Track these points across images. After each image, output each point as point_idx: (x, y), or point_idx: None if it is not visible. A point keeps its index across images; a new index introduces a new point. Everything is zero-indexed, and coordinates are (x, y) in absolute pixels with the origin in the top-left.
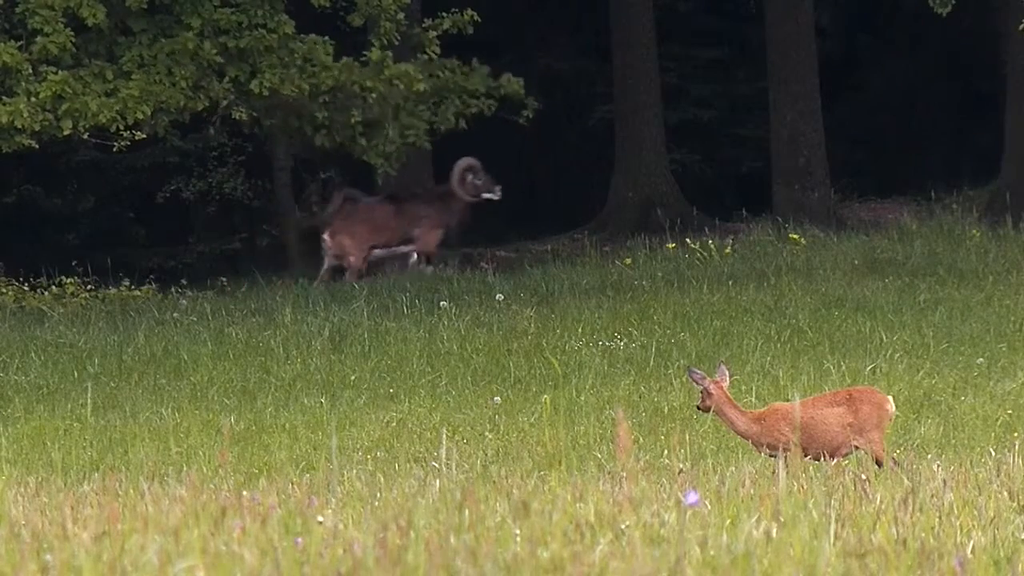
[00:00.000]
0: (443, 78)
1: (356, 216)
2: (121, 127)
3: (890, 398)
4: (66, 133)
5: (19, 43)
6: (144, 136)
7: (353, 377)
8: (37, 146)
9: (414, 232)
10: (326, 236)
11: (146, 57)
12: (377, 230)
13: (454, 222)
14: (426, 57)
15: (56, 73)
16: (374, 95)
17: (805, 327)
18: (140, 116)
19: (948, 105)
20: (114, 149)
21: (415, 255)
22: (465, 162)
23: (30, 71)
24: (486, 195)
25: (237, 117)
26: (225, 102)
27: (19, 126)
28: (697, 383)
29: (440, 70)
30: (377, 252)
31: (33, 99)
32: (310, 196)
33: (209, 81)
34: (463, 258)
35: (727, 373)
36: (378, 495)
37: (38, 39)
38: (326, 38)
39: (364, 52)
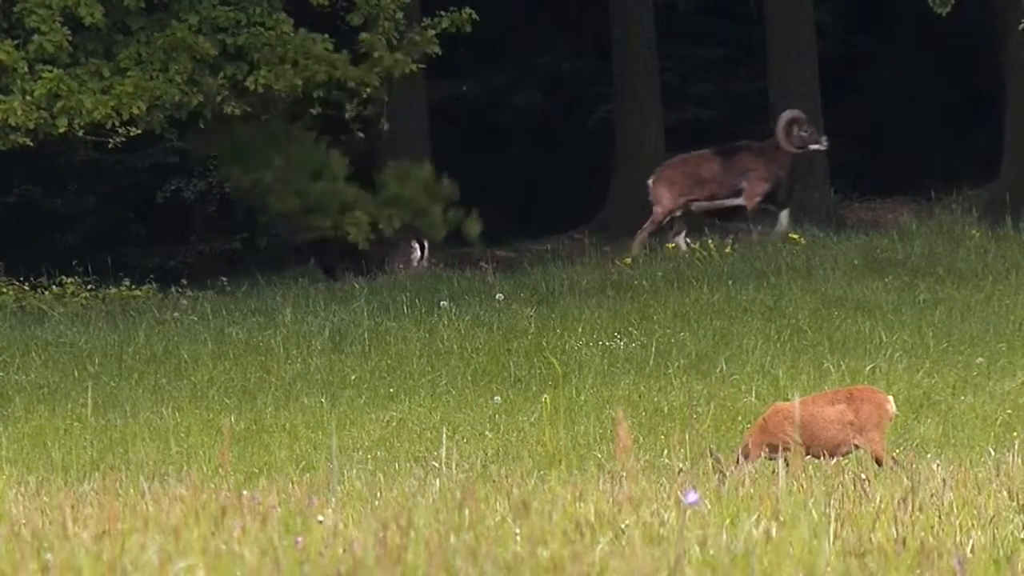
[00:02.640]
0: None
1: (682, 168)
2: (116, 123)
3: (890, 397)
4: (61, 131)
5: (16, 42)
6: (139, 132)
7: (353, 377)
8: (32, 144)
9: (742, 184)
10: (649, 182)
11: (143, 54)
12: (700, 183)
13: (783, 175)
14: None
15: (51, 71)
16: (369, 89)
17: (805, 327)
18: (135, 112)
19: (948, 105)
20: (109, 146)
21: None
22: (790, 114)
23: (26, 69)
24: (813, 146)
25: (230, 112)
26: (219, 97)
27: (14, 124)
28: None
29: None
30: (702, 205)
31: (28, 97)
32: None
33: (203, 76)
34: (463, 258)
35: (720, 457)
36: (378, 495)
37: (35, 38)
38: (325, 36)
39: (359, 39)
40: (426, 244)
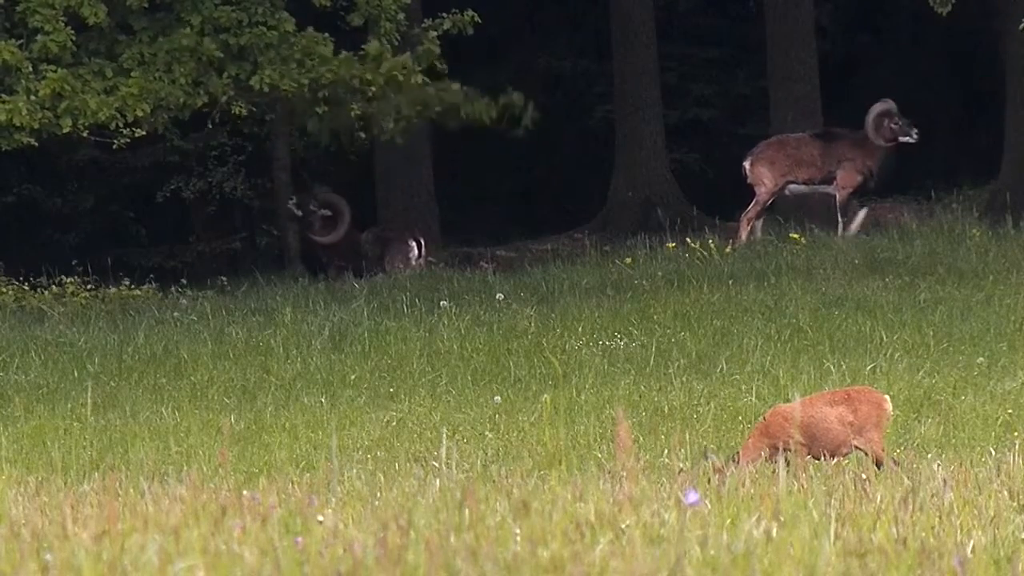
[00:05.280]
0: (443, 99)
1: (782, 148)
2: (120, 124)
3: (887, 397)
4: (65, 131)
5: (19, 42)
6: (144, 133)
7: (353, 376)
8: (36, 144)
9: (837, 172)
10: (746, 163)
11: (146, 55)
12: (800, 165)
13: (875, 167)
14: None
15: (55, 71)
16: (373, 89)
17: (805, 326)
18: (139, 113)
19: (948, 105)
20: (113, 147)
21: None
22: (881, 106)
23: (30, 69)
24: (903, 139)
25: (236, 112)
26: (225, 97)
27: (18, 124)
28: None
29: (440, 62)
30: (796, 188)
31: (32, 97)
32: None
33: (208, 77)
34: (463, 258)
35: (714, 457)
36: (378, 495)
37: (38, 38)
38: (326, 35)
39: (362, 47)
40: (423, 242)
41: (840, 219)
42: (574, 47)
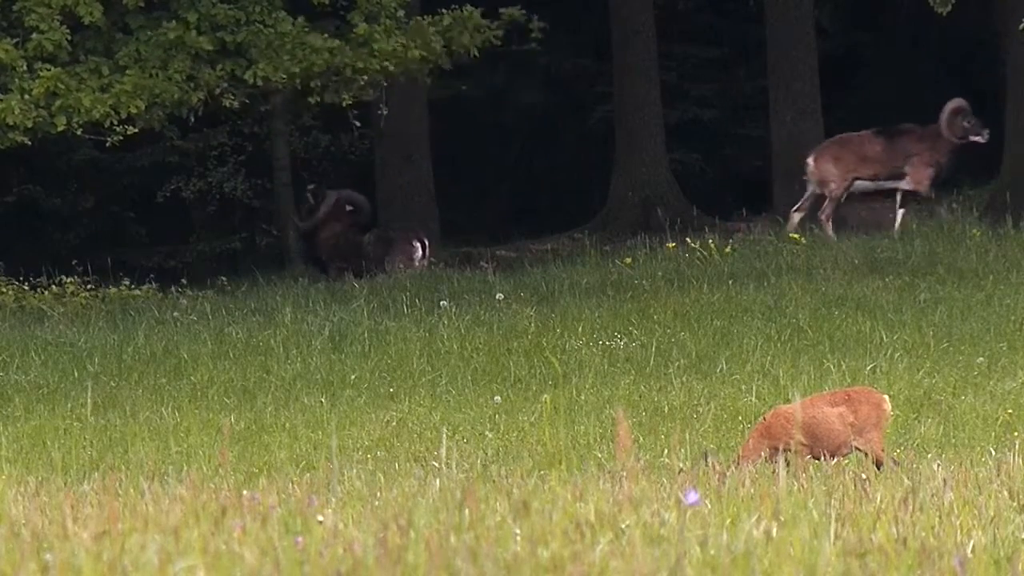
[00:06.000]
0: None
1: (845, 146)
2: (115, 122)
3: (886, 397)
4: (60, 129)
5: (15, 40)
6: (137, 131)
7: (353, 376)
8: (30, 143)
9: (905, 168)
10: (810, 160)
11: (142, 52)
12: (864, 162)
13: (944, 161)
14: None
15: (50, 70)
16: (366, 76)
17: (805, 326)
18: (134, 111)
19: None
20: (107, 144)
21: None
22: (955, 103)
23: (25, 68)
24: (973, 137)
25: (229, 104)
26: (218, 90)
27: (11, 123)
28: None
29: (434, 39)
30: (863, 184)
31: (26, 96)
32: (305, 205)
33: (200, 70)
34: (463, 258)
35: (713, 459)
36: (378, 494)
37: (34, 36)
38: (324, 35)
39: (352, 31)
40: (428, 243)
41: (898, 215)
42: (574, 47)
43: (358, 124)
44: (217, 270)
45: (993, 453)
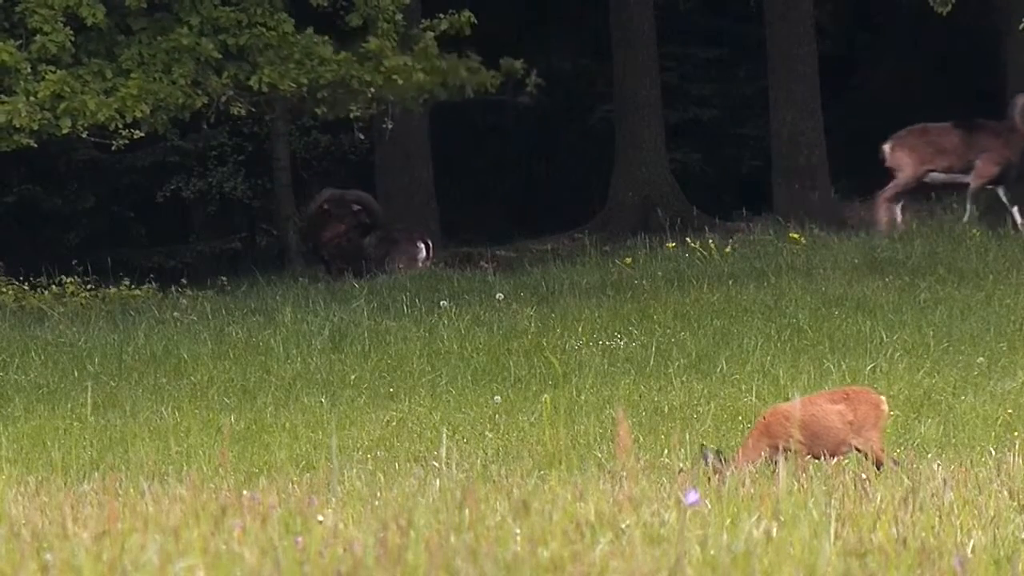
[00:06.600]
0: (444, 72)
1: (923, 136)
2: (120, 125)
3: (884, 398)
4: (65, 132)
5: (18, 42)
6: (143, 135)
7: (353, 376)
8: (36, 145)
9: (976, 162)
10: (886, 147)
11: (145, 55)
12: (940, 154)
13: (1016, 157)
14: (422, 48)
15: (55, 72)
16: (373, 89)
17: (805, 326)
18: (139, 114)
19: (948, 104)
20: (112, 148)
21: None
22: None
23: (29, 70)
24: None
25: (236, 112)
26: (224, 97)
27: (17, 125)
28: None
29: (438, 60)
30: (937, 177)
31: (32, 98)
32: (307, 204)
33: (207, 76)
34: (463, 258)
35: (713, 459)
36: (378, 494)
37: (37, 38)
38: (326, 38)
39: (362, 45)
40: (431, 243)
41: (969, 206)
42: (574, 47)
43: (362, 137)
44: (217, 270)
45: (993, 453)
